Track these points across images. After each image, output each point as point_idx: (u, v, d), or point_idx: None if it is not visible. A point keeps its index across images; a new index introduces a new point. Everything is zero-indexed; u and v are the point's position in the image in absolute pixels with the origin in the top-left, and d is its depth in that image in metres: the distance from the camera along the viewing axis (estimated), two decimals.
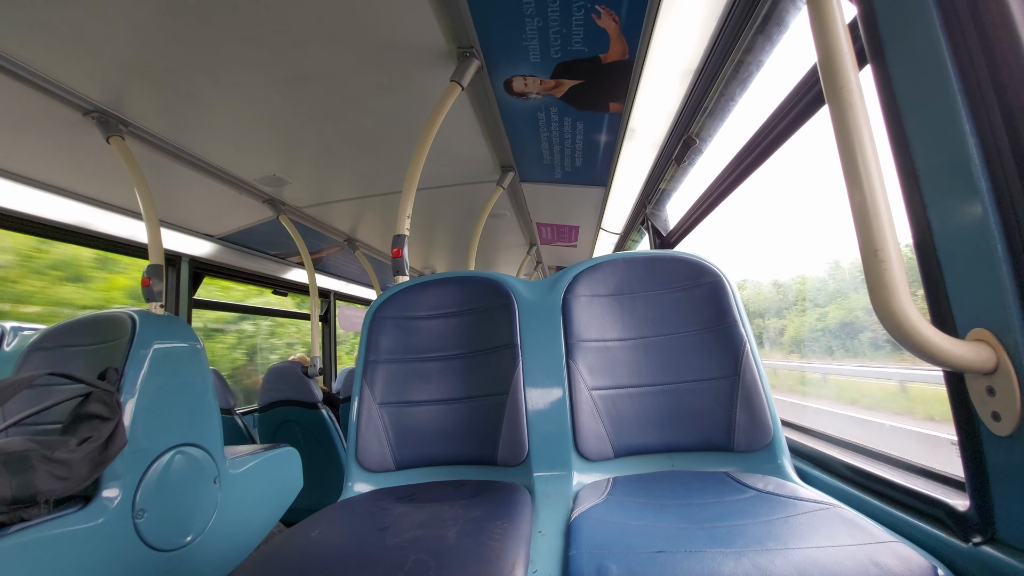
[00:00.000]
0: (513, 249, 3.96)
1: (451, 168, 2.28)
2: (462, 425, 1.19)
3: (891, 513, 0.77)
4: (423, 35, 1.32)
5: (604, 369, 1.16)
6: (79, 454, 1.10)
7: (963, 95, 0.56)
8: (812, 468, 1.04)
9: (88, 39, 1.25)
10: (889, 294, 0.53)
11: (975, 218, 0.56)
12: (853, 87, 0.57)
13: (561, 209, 2.98)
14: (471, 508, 0.88)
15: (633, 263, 1.24)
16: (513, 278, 1.31)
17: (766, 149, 1.35)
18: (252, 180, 2.23)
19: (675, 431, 1.09)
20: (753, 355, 1.08)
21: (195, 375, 1.53)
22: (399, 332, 1.29)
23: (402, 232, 1.49)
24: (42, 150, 1.73)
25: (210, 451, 1.52)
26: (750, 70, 1.36)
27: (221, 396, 2.67)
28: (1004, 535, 0.57)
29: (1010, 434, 0.54)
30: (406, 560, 0.67)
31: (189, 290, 2.78)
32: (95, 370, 1.33)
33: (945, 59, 0.58)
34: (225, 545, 1.52)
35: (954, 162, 0.58)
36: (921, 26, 0.60)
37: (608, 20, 1.28)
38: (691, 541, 0.66)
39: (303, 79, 1.49)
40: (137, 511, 1.27)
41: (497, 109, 1.75)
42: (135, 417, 1.31)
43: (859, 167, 0.55)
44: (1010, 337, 0.53)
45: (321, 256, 3.62)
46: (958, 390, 0.62)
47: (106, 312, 1.50)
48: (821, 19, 0.59)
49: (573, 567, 0.64)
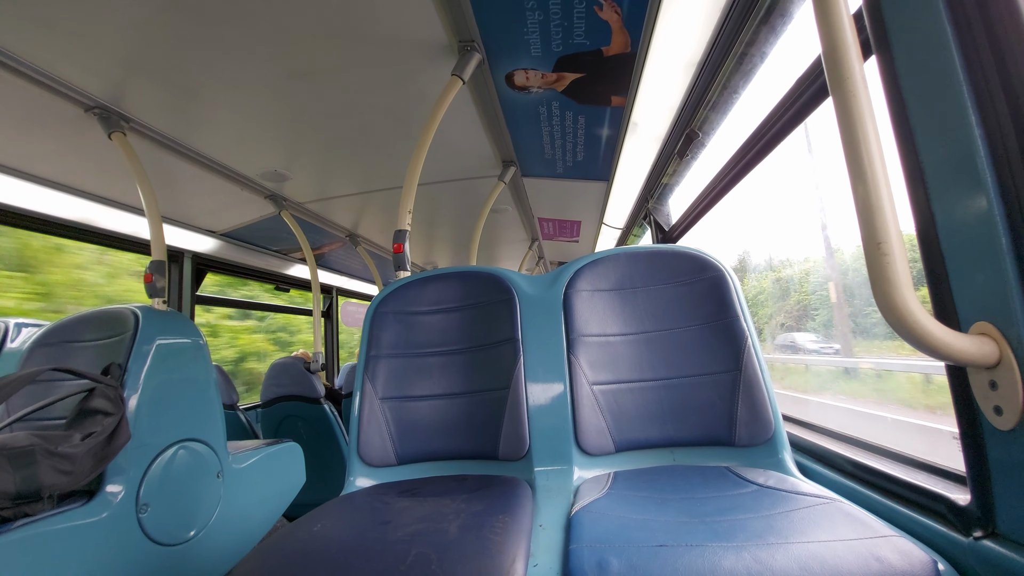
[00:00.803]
0: (515, 244, 3.95)
1: (452, 163, 2.27)
2: (463, 420, 1.19)
3: (892, 507, 0.77)
4: (424, 29, 1.31)
5: (605, 364, 1.16)
6: (83, 449, 1.11)
7: (969, 87, 0.56)
8: (813, 463, 1.04)
9: (90, 35, 1.25)
10: (892, 287, 0.53)
11: (979, 211, 0.55)
12: (857, 78, 0.56)
13: (563, 204, 2.97)
14: (472, 502, 0.88)
15: (635, 258, 1.24)
16: (514, 273, 1.30)
17: (770, 142, 1.34)
18: (254, 176, 2.22)
19: (676, 425, 1.09)
20: (755, 349, 1.07)
21: (198, 370, 1.54)
22: (401, 327, 1.29)
23: (403, 227, 1.48)
24: (44, 146, 1.74)
25: (213, 446, 1.53)
26: (753, 62, 1.34)
27: (224, 391, 2.68)
28: (1005, 529, 0.57)
29: (1012, 428, 0.54)
30: (408, 554, 0.68)
31: (192, 286, 2.79)
32: (98, 366, 1.34)
33: (951, 50, 0.57)
34: (228, 540, 1.53)
35: (959, 155, 0.57)
36: (927, 17, 0.59)
37: (610, 12, 1.27)
38: (692, 535, 0.66)
39: (304, 74, 1.48)
40: (141, 506, 1.28)
41: (498, 103, 1.74)
42: (138, 412, 1.32)
43: (863, 159, 0.55)
44: (1013, 331, 0.53)
45: (323, 252, 3.62)
46: (960, 384, 0.62)
47: (109, 308, 1.51)
48: (825, 9, 0.59)
49: (574, 561, 0.64)
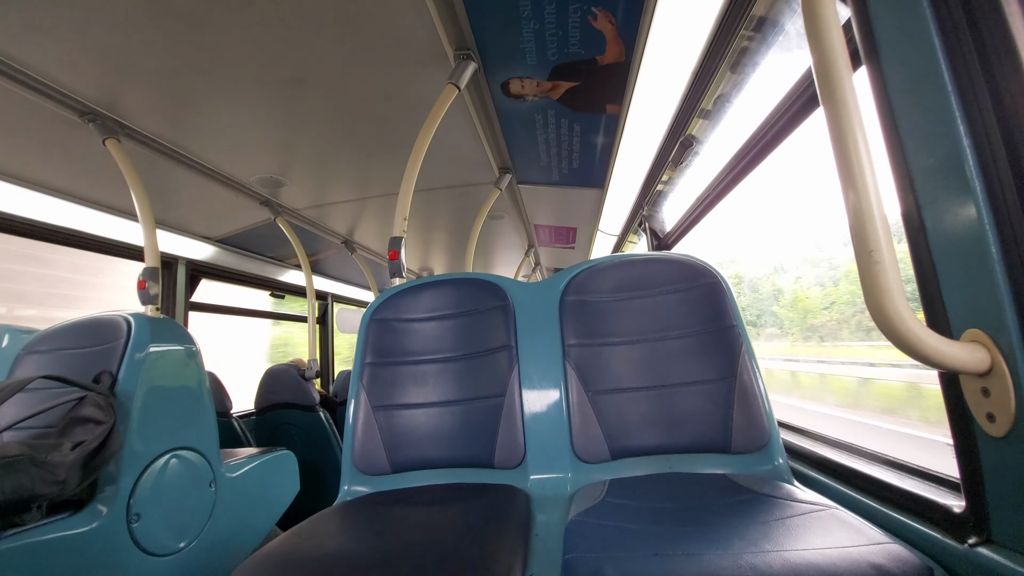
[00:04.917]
0: (511, 251, 3.96)
1: (448, 170, 2.28)
2: (459, 428, 1.18)
3: (887, 514, 0.77)
4: (420, 37, 1.32)
5: (601, 371, 1.16)
6: (73, 458, 1.09)
7: (957, 97, 0.57)
8: (808, 469, 1.04)
9: (85, 41, 1.25)
10: (884, 295, 0.53)
11: (969, 219, 0.56)
12: (847, 89, 0.57)
13: (559, 211, 2.98)
14: (468, 511, 0.88)
15: (630, 265, 1.24)
16: (510, 280, 1.31)
17: (762, 151, 1.35)
18: (249, 182, 2.22)
19: (672, 433, 1.09)
20: (750, 356, 1.08)
21: (191, 378, 1.52)
22: (396, 334, 1.29)
23: (399, 234, 1.48)
24: (38, 152, 1.73)
25: (206, 455, 1.51)
26: (746, 72, 1.36)
27: (217, 399, 2.66)
28: (999, 536, 0.57)
29: (1005, 435, 0.55)
30: (403, 564, 0.67)
31: (186, 293, 2.77)
32: (90, 373, 1.32)
33: (939, 61, 0.58)
34: (221, 549, 1.51)
35: (948, 164, 0.58)
36: (916, 28, 0.60)
37: (604, 22, 1.28)
38: (687, 543, 0.66)
39: (300, 81, 1.49)
40: (132, 515, 1.26)
41: (494, 111, 1.75)
42: (130, 421, 1.30)
43: (854, 169, 0.56)
44: (1004, 338, 0.54)
45: (319, 258, 3.61)
46: (953, 391, 0.62)
47: (101, 315, 1.49)
48: (816, 21, 0.59)
49: (570, 570, 0.64)
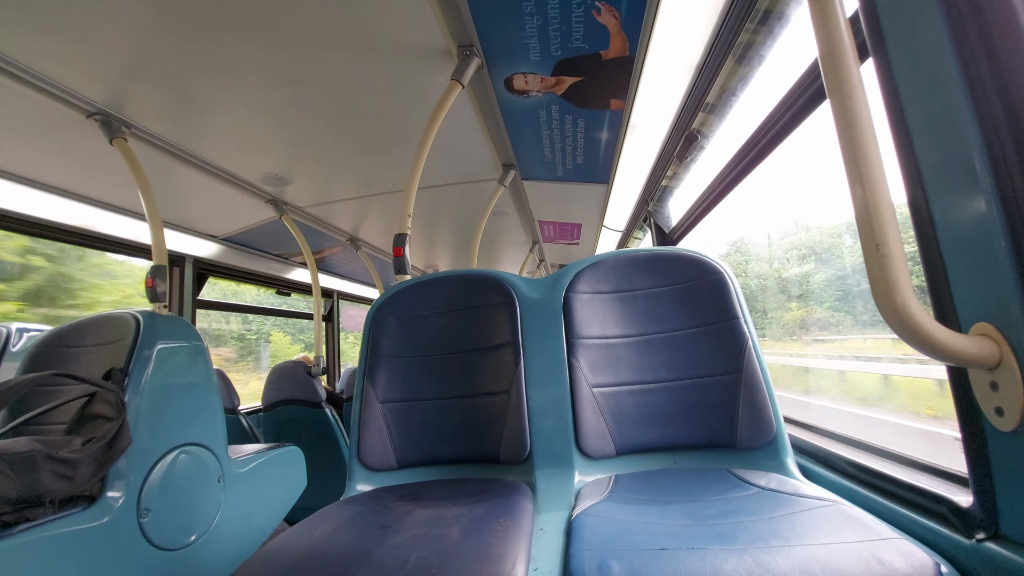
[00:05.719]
0: (516, 247, 3.95)
1: (453, 166, 2.28)
2: (464, 423, 1.19)
3: (894, 509, 0.77)
4: (423, 34, 1.32)
5: (606, 366, 1.16)
6: (84, 454, 1.11)
7: (965, 89, 0.56)
8: (815, 465, 1.04)
9: (91, 42, 1.26)
10: (891, 289, 0.53)
11: (978, 212, 0.55)
12: (854, 81, 0.56)
13: (563, 207, 2.97)
14: (473, 506, 0.88)
15: (635, 260, 1.24)
16: (514, 276, 1.31)
17: (768, 144, 1.34)
18: (255, 180, 2.23)
19: (677, 428, 1.09)
20: (755, 351, 1.07)
21: (199, 375, 1.54)
22: (401, 330, 1.29)
23: (404, 231, 1.49)
24: (46, 153, 1.74)
25: (214, 451, 1.52)
26: (751, 64, 1.35)
27: (225, 396, 2.68)
28: (1008, 531, 0.57)
29: (1014, 429, 0.54)
30: (408, 558, 0.68)
31: (193, 290, 2.80)
32: (100, 370, 1.34)
33: (947, 52, 0.57)
34: (229, 544, 1.53)
35: (956, 156, 0.57)
36: (923, 19, 0.59)
37: (608, 16, 1.27)
38: (693, 538, 0.66)
39: (304, 79, 1.49)
40: (142, 510, 1.27)
41: (498, 107, 1.75)
42: (139, 417, 1.32)
43: (861, 162, 0.55)
44: (1014, 332, 0.53)
45: (324, 256, 3.62)
46: (961, 385, 0.62)
47: (110, 313, 1.51)
48: (822, 12, 0.59)
49: (574, 565, 0.64)
